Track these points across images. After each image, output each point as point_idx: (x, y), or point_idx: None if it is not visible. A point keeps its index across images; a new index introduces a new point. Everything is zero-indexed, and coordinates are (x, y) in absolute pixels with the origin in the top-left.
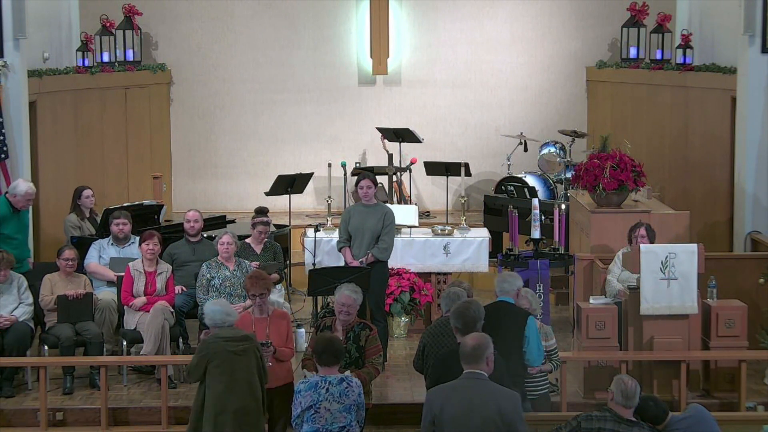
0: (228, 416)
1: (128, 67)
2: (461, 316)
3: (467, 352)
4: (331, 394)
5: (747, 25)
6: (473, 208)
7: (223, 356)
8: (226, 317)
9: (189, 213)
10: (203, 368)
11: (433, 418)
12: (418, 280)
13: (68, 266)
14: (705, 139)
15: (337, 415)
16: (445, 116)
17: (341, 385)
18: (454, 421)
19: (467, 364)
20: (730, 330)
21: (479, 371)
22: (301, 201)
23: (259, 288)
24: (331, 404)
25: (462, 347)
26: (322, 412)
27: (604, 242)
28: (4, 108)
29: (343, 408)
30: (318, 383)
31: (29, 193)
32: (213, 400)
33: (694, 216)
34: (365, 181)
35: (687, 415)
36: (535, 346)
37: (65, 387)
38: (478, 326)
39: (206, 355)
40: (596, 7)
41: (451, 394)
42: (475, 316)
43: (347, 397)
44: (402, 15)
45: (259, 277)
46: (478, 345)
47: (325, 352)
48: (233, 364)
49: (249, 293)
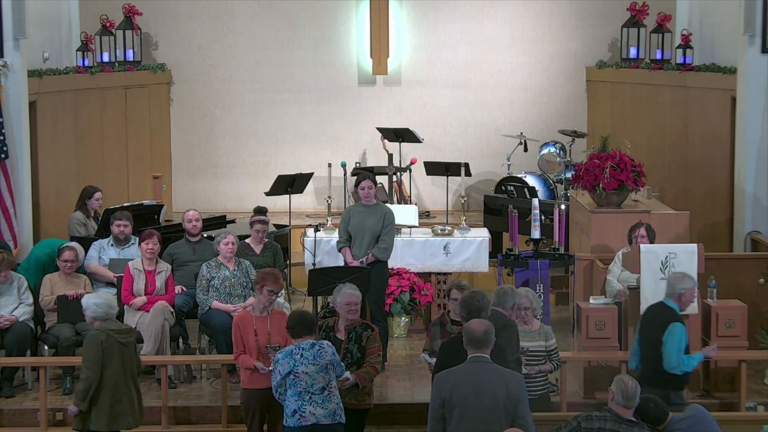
0: (124, 406)
1: (128, 67)
2: (466, 305)
3: (478, 337)
4: (306, 358)
5: (747, 25)
6: (473, 208)
7: (115, 348)
8: (110, 310)
9: (189, 213)
10: (101, 360)
11: (442, 401)
12: (418, 280)
13: (67, 267)
14: (705, 139)
15: (315, 376)
16: (445, 116)
17: (313, 348)
18: (463, 402)
19: (476, 349)
20: (730, 330)
21: (485, 355)
22: (301, 201)
23: (279, 285)
24: (307, 367)
25: (471, 333)
26: (300, 375)
27: (604, 242)
28: (4, 108)
29: (319, 369)
30: (293, 351)
31: None
32: (109, 391)
33: (694, 216)
34: (366, 181)
35: (687, 416)
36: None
37: (65, 387)
38: (483, 316)
39: (100, 347)
40: (596, 7)
41: (459, 378)
42: (480, 306)
43: (321, 358)
44: (402, 15)
45: (277, 275)
46: (488, 330)
47: (298, 325)
48: (123, 355)
49: (266, 289)
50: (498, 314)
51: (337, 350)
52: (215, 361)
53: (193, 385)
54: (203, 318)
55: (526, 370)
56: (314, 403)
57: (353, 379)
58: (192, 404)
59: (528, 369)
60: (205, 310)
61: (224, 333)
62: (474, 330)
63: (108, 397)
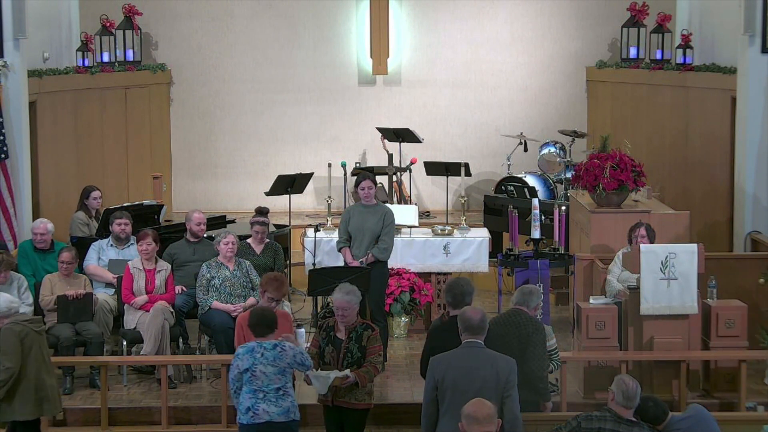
0: (46, 392)
1: (128, 67)
2: (450, 290)
3: (476, 324)
4: (266, 358)
5: (747, 25)
6: (473, 208)
7: (32, 336)
8: (12, 304)
9: (196, 215)
10: (20, 351)
11: (435, 383)
12: (418, 280)
13: (64, 269)
14: (705, 139)
15: (272, 377)
16: (445, 116)
17: (275, 350)
18: (455, 385)
19: (471, 335)
20: (730, 330)
21: (479, 341)
22: (301, 201)
23: (281, 293)
24: (266, 367)
25: (467, 321)
26: (258, 374)
27: (604, 242)
28: (4, 108)
29: (277, 371)
30: (254, 348)
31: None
32: (33, 380)
33: (694, 216)
34: (366, 181)
35: (687, 416)
36: None
37: (65, 387)
38: (468, 300)
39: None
40: (596, 7)
41: (452, 361)
42: (464, 291)
43: (281, 360)
44: (402, 15)
45: (282, 282)
46: (484, 318)
47: (260, 324)
48: (41, 344)
49: (267, 295)
50: (521, 313)
51: (338, 350)
52: (215, 361)
53: (193, 385)
54: (203, 318)
55: None
56: (268, 401)
57: (353, 377)
58: (192, 404)
59: None
60: (205, 310)
61: (224, 333)
62: (470, 318)
63: (32, 386)
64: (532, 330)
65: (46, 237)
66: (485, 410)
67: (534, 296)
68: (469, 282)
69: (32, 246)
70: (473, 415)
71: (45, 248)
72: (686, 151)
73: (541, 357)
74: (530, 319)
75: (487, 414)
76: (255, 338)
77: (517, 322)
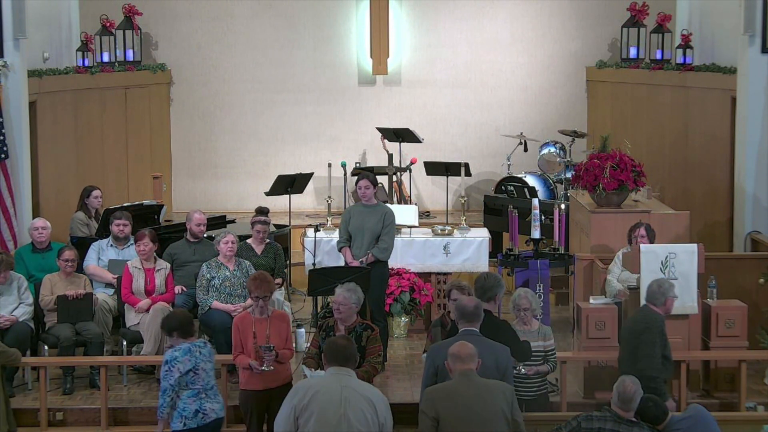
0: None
1: (128, 67)
2: (477, 282)
3: (470, 311)
4: (204, 355)
5: (747, 25)
6: (473, 208)
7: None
8: None
9: (197, 216)
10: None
11: (435, 369)
12: (418, 280)
13: (68, 267)
14: (705, 139)
15: (211, 373)
16: (445, 116)
17: (207, 347)
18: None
19: (467, 323)
20: (730, 330)
21: (475, 329)
22: (301, 201)
23: (263, 290)
24: (206, 364)
25: (463, 308)
26: (200, 373)
27: (604, 242)
28: (4, 108)
29: (212, 366)
30: (191, 348)
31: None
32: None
33: (694, 216)
34: (363, 181)
35: (687, 416)
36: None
37: (65, 387)
38: (493, 294)
39: None
40: (596, 7)
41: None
42: (484, 285)
43: (213, 356)
44: (402, 15)
45: (263, 280)
46: (479, 305)
47: (186, 325)
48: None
49: (252, 294)
50: (644, 310)
51: None
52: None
53: None
54: (203, 318)
55: (524, 371)
56: (210, 400)
57: None
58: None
59: (526, 370)
60: (205, 310)
61: (224, 333)
62: (465, 306)
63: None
64: (643, 328)
65: (46, 231)
66: (467, 350)
67: (669, 290)
68: (498, 278)
69: (30, 249)
70: (457, 354)
71: (44, 246)
72: (686, 151)
73: (650, 356)
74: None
75: (468, 353)
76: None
77: (634, 319)
